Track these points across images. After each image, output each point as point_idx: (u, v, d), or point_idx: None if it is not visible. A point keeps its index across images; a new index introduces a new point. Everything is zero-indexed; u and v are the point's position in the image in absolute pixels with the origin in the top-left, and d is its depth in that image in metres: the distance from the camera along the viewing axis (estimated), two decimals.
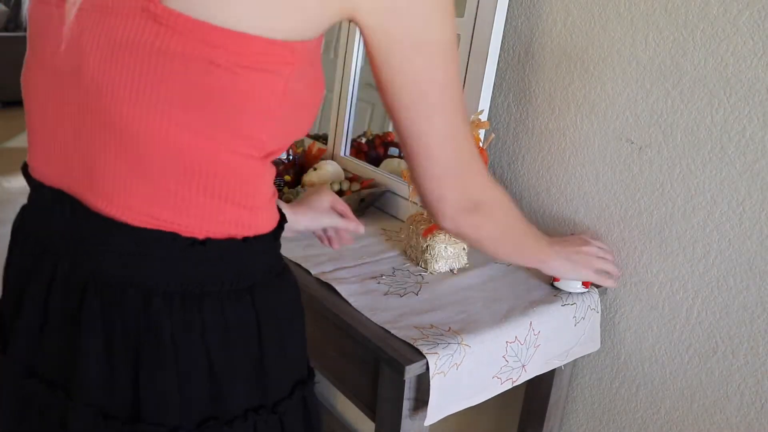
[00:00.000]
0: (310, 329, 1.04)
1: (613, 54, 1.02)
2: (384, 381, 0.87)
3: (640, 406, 1.09)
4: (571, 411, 1.22)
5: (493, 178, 0.79)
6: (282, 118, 0.59)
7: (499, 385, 0.93)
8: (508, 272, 1.07)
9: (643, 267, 1.04)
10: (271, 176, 0.64)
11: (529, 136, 1.18)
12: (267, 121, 0.58)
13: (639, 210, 1.03)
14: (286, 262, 0.72)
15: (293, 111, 0.60)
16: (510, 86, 1.19)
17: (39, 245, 0.63)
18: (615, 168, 1.05)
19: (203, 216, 0.59)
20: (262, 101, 0.56)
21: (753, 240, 0.90)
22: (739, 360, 0.94)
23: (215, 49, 0.52)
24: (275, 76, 0.55)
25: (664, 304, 1.02)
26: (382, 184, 1.27)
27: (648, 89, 0.98)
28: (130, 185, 0.57)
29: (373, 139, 1.41)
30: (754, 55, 0.85)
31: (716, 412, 0.99)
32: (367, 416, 0.94)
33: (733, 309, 0.94)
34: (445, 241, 1.03)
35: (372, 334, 0.87)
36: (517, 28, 1.16)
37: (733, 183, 0.91)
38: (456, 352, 0.84)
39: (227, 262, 0.61)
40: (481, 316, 0.92)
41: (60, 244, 0.61)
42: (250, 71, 0.54)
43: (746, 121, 0.88)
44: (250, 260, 0.63)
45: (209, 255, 0.60)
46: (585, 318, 1.03)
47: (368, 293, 0.97)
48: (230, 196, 0.59)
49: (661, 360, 1.04)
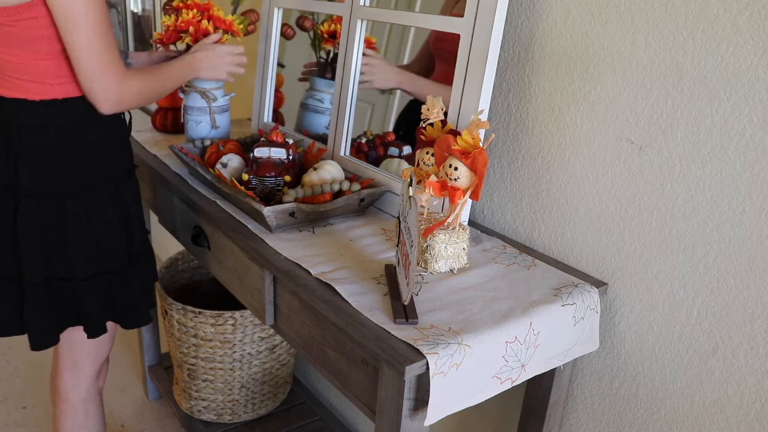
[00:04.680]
0: (311, 329, 1.04)
1: (613, 54, 1.02)
2: (384, 381, 0.87)
3: (640, 406, 1.09)
4: (571, 411, 1.22)
5: (127, 72, 1.14)
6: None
7: (498, 385, 0.93)
8: (508, 272, 1.07)
9: (643, 267, 1.04)
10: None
11: (529, 136, 1.18)
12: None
13: (639, 210, 1.03)
14: (288, 262, 0.73)
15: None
16: (510, 86, 1.19)
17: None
18: (615, 168, 1.05)
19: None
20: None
21: (753, 240, 0.90)
22: (739, 360, 0.94)
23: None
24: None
25: (664, 304, 1.02)
26: (382, 184, 1.27)
27: (648, 89, 0.98)
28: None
29: (373, 139, 1.41)
30: (754, 55, 0.85)
31: (716, 412, 0.99)
32: (367, 416, 0.94)
33: (733, 309, 0.94)
34: (445, 241, 1.03)
35: (372, 334, 0.87)
36: (517, 28, 1.16)
37: (733, 183, 0.91)
38: (456, 352, 0.84)
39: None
40: (481, 316, 0.92)
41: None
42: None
43: (746, 121, 0.88)
44: None
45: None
46: (584, 318, 1.03)
47: (368, 293, 0.97)
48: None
49: (661, 360, 1.04)
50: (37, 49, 1.09)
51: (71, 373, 1.38)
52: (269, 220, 1.13)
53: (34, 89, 1.11)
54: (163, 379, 2.08)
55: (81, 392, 1.40)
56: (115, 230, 1.23)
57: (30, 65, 1.10)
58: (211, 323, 1.72)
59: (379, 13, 1.32)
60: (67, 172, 1.15)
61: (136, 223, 1.28)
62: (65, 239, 1.17)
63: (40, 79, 1.11)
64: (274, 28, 1.66)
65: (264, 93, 1.71)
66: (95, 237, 1.20)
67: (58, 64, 1.11)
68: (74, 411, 1.41)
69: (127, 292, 1.27)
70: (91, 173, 1.18)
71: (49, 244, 1.17)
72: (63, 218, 1.16)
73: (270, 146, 1.26)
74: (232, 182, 1.24)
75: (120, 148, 1.24)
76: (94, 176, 1.18)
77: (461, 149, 0.98)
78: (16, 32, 1.06)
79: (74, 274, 1.19)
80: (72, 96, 1.14)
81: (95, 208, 1.19)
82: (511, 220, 1.25)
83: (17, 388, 2.23)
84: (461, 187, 0.99)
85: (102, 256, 1.22)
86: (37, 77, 1.11)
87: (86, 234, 1.19)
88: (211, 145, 1.45)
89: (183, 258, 2.03)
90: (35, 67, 1.10)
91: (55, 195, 1.15)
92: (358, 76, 1.36)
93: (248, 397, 1.88)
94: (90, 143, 1.17)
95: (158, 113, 1.81)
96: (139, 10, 2.81)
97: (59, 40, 1.09)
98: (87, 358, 1.37)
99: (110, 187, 1.21)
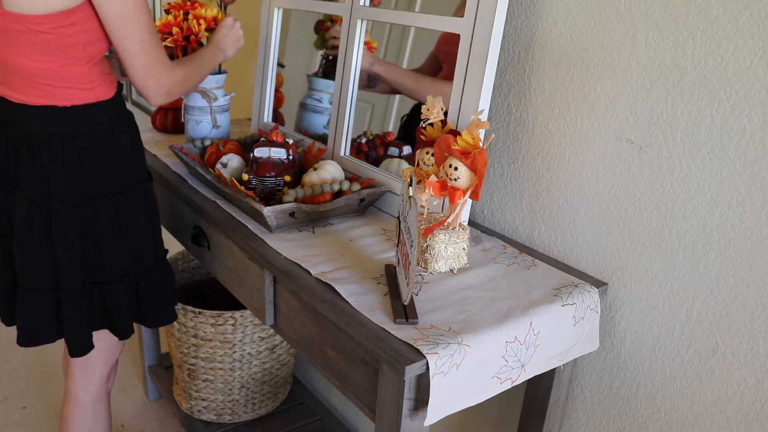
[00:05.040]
0: (311, 329, 1.04)
1: (613, 54, 1.02)
2: (384, 381, 0.87)
3: (640, 406, 1.09)
4: (571, 411, 1.22)
5: (172, 64, 1.20)
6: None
7: (498, 385, 0.93)
8: (508, 272, 1.07)
9: (643, 267, 1.04)
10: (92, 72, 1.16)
11: (529, 136, 1.18)
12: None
13: (639, 210, 1.03)
14: (288, 262, 0.74)
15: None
16: (510, 86, 1.19)
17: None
18: (615, 168, 1.05)
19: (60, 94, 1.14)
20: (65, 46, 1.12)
21: (753, 240, 0.90)
22: (739, 360, 0.94)
23: (36, 24, 1.06)
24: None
25: (664, 304, 1.02)
26: (382, 184, 1.27)
27: (648, 89, 0.98)
28: (22, 85, 1.14)
29: (373, 139, 1.41)
30: (754, 55, 0.85)
31: (716, 412, 0.99)
32: (367, 416, 0.94)
33: (733, 309, 0.94)
34: (445, 241, 1.03)
35: (372, 334, 0.87)
36: (517, 28, 1.16)
37: (733, 183, 0.91)
38: (456, 352, 0.84)
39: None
40: (481, 316, 0.92)
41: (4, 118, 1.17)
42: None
43: (746, 121, 0.88)
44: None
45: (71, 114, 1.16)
46: (584, 318, 1.03)
47: (368, 293, 0.97)
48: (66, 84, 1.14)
49: (661, 360, 1.04)
50: (72, 56, 1.10)
51: (82, 374, 1.39)
52: (269, 220, 1.13)
53: (66, 95, 1.12)
54: (163, 379, 2.08)
55: (91, 393, 1.41)
56: (144, 231, 1.25)
57: (62, 71, 1.11)
58: (211, 323, 1.72)
59: (379, 13, 1.32)
60: (99, 177, 1.17)
61: (158, 222, 1.30)
62: (100, 244, 1.19)
63: (73, 84, 1.12)
64: (274, 28, 1.66)
65: (264, 93, 1.71)
66: (126, 239, 1.22)
67: (90, 69, 1.13)
68: (83, 412, 1.42)
69: (156, 292, 1.29)
70: (122, 176, 1.21)
71: (85, 249, 1.18)
72: (98, 223, 1.18)
73: (270, 146, 1.26)
74: (232, 182, 1.24)
75: (141, 148, 1.27)
76: (124, 179, 1.21)
77: (461, 149, 0.98)
78: (54, 39, 1.07)
79: (107, 277, 1.21)
80: (102, 100, 1.16)
81: (126, 211, 1.21)
82: (511, 220, 1.25)
83: (17, 388, 2.23)
84: (461, 187, 0.99)
85: (131, 257, 1.24)
86: (69, 83, 1.12)
87: (118, 237, 1.21)
88: (211, 145, 1.45)
89: (183, 258, 2.03)
90: (68, 72, 1.11)
91: (89, 201, 1.17)
92: (358, 76, 1.36)
93: (248, 397, 1.88)
94: (119, 146, 1.20)
95: (158, 113, 1.81)
96: None
97: (92, 45, 1.11)
98: (99, 360, 1.38)
99: (137, 189, 1.23)
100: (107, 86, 1.18)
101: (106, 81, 1.18)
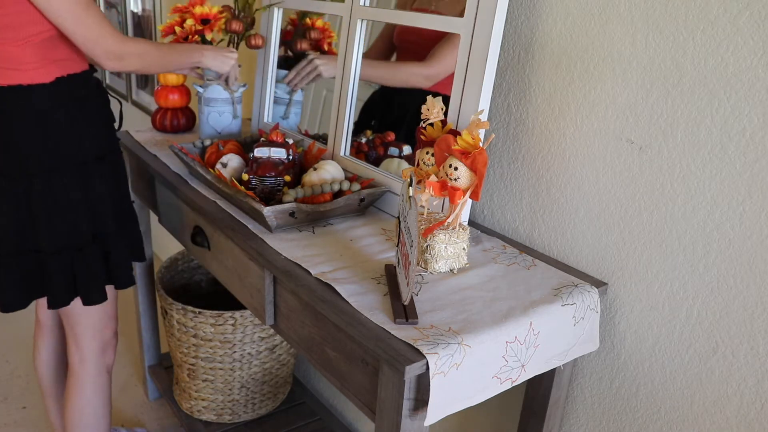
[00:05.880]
0: (310, 329, 1.04)
1: (613, 54, 1.02)
2: (384, 381, 0.87)
3: (640, 406, 1.09)
4: (571, 411, 1.22)
5: (126, 36, 1.28)
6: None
7: (498, 385, 0.93)
8: (508, 272, 1.07)
9: (643, 267, 1.04)
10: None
11: (529, 136, 1.18)
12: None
13: (639, 210, 1.03)
14: (287, 262, 0.75)
15: None
16: (510, 86, 1.19)
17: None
18: (615, 168, 1.05)
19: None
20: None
21: (753, 240, 0.90)
22: (739, 360, 0.94)
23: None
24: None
25: (664, 304, 1.02)
26: (382, 184, 1.27)
27: (648, 89, 0.98)
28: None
29: (373, 139, 1.41)
30: (754, 55, 0.85)
31: (716, 412, 0.99)
32: (367, 416, 0.94)
33: (733, 309, 0.94)
34: (445, 241, 1.03)
35: (372, 334, 0.87)
36: (517, 28, 1.16)
37: (733, 183, 0.91)
38: (456, 352, 0.84)
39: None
40: (481, 316, 0.92)
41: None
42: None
43: (746, 121, 0.88)
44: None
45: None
46: (584, 318, 1.03)
47: (368, 293, 0.97)
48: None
49: (661, 360, 1.04)
50: (3, 36, 1.17)
51: (75, 348, 1.49)
52: (269, 220, 1.13)
53: (2, 74, 1.19)
54: (163, 379, 2.08)
55: (88, 368, 1.51)
56: (77, 208, 1.31)
57: (1, 51, 1.18)
58: (211, 323, 1.72)
59: (379, 13, 1.32)
60: (34, 154, 1.25)
61: (107, 203, 1.36)
62: (36, 215, 1.27)
63: (8, 64, 1.19)
64: (274, 28, 1.66)
65: (264, 93, 1.71)
66: (60, 215, 1.29)
67: (23, 50, 1.19)
68: (82, 385, 1.52)
69: (92, 269, 1.36)
70: (57, 156, 1.27)
71: (20, 219, 1.28)
72: (32, 196, 1.26)
73: (270, 146, 1.26)
74: (232, 182, 1.24)
75: (90, 134, 1.32)
76: (59, 159, 1.27)
77: (461, 149, 0.98)
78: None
79: (41, 248, 1.30)
80: (37, 83, 1.22)
81: (61, 189, 1.28)
82: (511, 220, 1.25)
83: (17, 388, 2.23)
84: (461, 187, 0.99)
85: (67, 234, 1.31)
86: (5, 63, 1.19)
87: (52, 211, 1.28)
88: (211, 145, 1.45)
89: (183, 258, 2.03)
90: (4, 52, 1.18)
91: (24, 175, 1.25)
92: (358, 76, 1.36)
93: (248, 397, 1.88)
94: (55, 128, 1.25)
95: (158, 113, 1.81)
96: (139, 10, 2.81)
97: (26, 27, 1.17)
98: (86, 334, 1.47)
99: (74, 170, 1.29)
100: (46, 70, 1.22)
101: (47, 65, 1.22)
